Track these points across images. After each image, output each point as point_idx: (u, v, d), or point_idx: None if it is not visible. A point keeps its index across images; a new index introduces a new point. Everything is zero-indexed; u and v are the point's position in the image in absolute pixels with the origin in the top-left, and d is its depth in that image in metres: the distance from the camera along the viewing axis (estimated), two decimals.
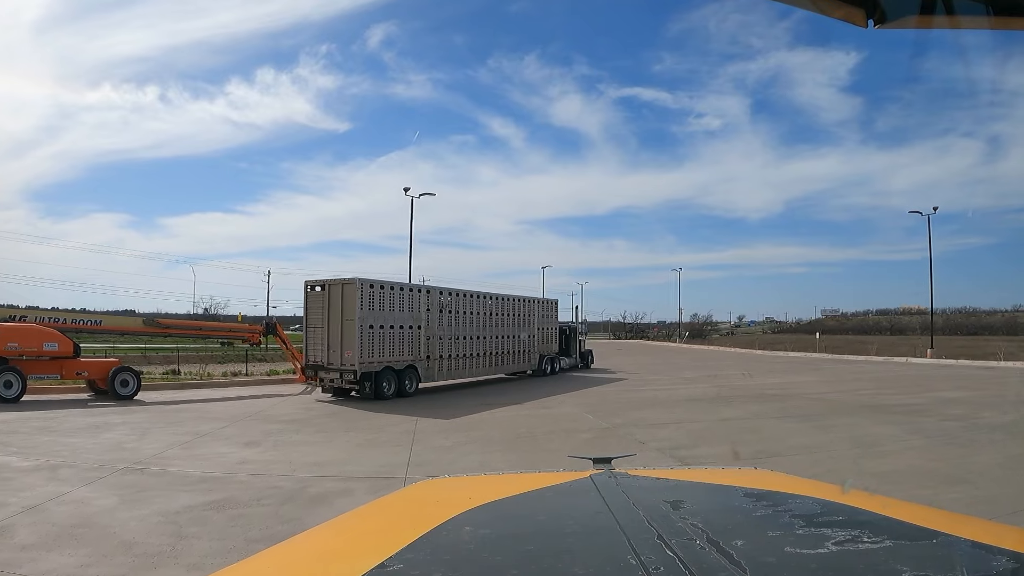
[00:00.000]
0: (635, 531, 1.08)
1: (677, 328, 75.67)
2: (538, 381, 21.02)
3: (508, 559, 1.05)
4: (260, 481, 6.92)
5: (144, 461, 7.94)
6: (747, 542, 1.02)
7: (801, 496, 1.43)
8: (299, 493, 6.44)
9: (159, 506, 5.93)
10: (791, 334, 75.36)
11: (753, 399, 15.22)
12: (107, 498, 6.26)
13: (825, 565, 0.95)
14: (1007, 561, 0.97)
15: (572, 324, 27.46)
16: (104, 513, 5.75)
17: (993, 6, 0.95)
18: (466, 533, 1.19)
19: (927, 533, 1.11)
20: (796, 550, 1.00)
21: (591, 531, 1.17)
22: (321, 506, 5.90)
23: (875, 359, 33.18)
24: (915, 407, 13.11)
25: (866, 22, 0.97)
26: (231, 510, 5.80)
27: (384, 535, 1.32)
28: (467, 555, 1.09)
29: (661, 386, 19.10)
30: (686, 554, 0.95)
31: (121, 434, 10.02)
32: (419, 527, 1.19)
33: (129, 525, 5.37)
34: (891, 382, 19.68)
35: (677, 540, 1.01)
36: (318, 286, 16.17)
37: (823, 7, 1.00)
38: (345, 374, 15.14)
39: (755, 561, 0.92)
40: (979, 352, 32.25)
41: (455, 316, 18.43)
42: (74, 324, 16.18)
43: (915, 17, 0.98)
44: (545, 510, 1.42)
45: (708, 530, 1.07)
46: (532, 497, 1.51)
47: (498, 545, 1.15)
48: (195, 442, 9.39)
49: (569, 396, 16.21)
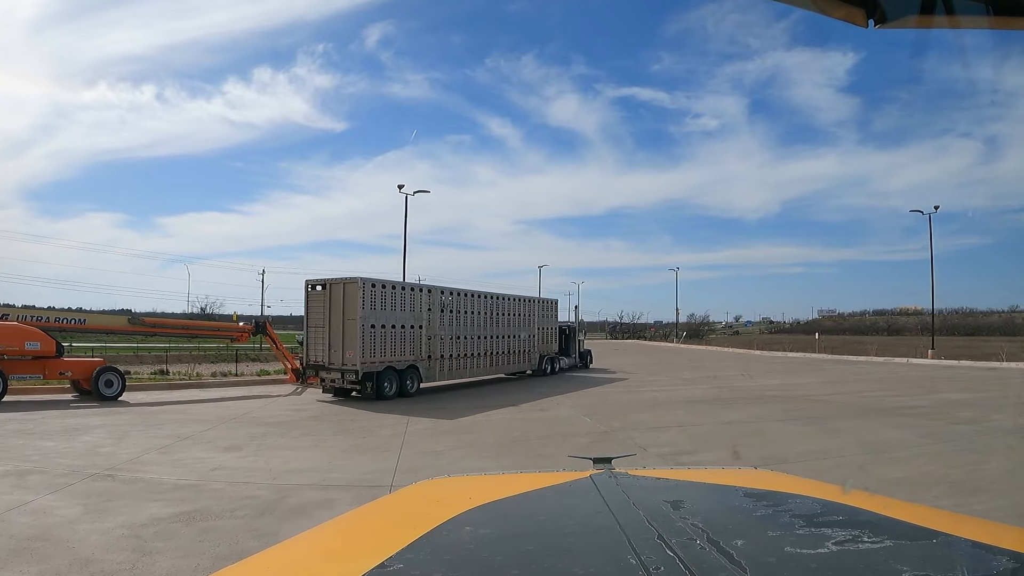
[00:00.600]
0: (635, 531, 1.07)
1: (674, 328, 75.03)
2: (537, 381, 20.69)
3: (508, 559, 1.04)
4: (236, 490, 6.49)
5: (117, 467, 7.53)
6: (747, 542, 1.01)
7: (801, 496, 1.42)
8: (277, 504, 6.02)
9: (125, 517, 5.52)
10: (788, 334, 75.19)
11: (755, 401, 14.82)
12: (72, 507, 5.85)
13: (825, 565, 0.94)
14: (1007, 561, 0.96)
15: (571, 324, 27.22)
16: (65, 525, 5.34)
17: (993, 6, 0.94)
18: (466, 533, 1.19)
19: (927, 533, 1.11)
20: (796, 550, 1.00)
21: (591, 531, 1.17)
22: (300, 518, 5.48)
23: (875, 359, 32.75)
24: (922, 410, 12.75)
25: (866, 22, 0.97)
26: (201, 522, 5.39)
27: (384, 535, 1.32)
28: (467, 555, 1.09)
29: (660, 387, 18.73)
30: (686, 554, 0.94)
31: (98, 437, 9.60)
32: (419, 527, 1.19)
33: (90, 539, 4.96)
34: (894, 383, 19.30)
35: (677, 540, 1.01)
36: (319, 285, 15.92)
37: (823, 7, 0.99)
38: (347, 374, 14.90)
39: (755, 561, 0.91)
40: (978, 352, 31.98)
41: (456, 316, 18.18)
42: (57, 323, 15.69)
43: (915, 17, 0.97)
44: (545, 510, 1.42)
45: (708, 530, 1.06)
46: (532, 497, 1.50)
47: (498, 545, 1.15)
48: (174, 446, 8.97)
49: (567, 397, 15.84)
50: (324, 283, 15.78)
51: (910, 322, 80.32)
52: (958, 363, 28.94)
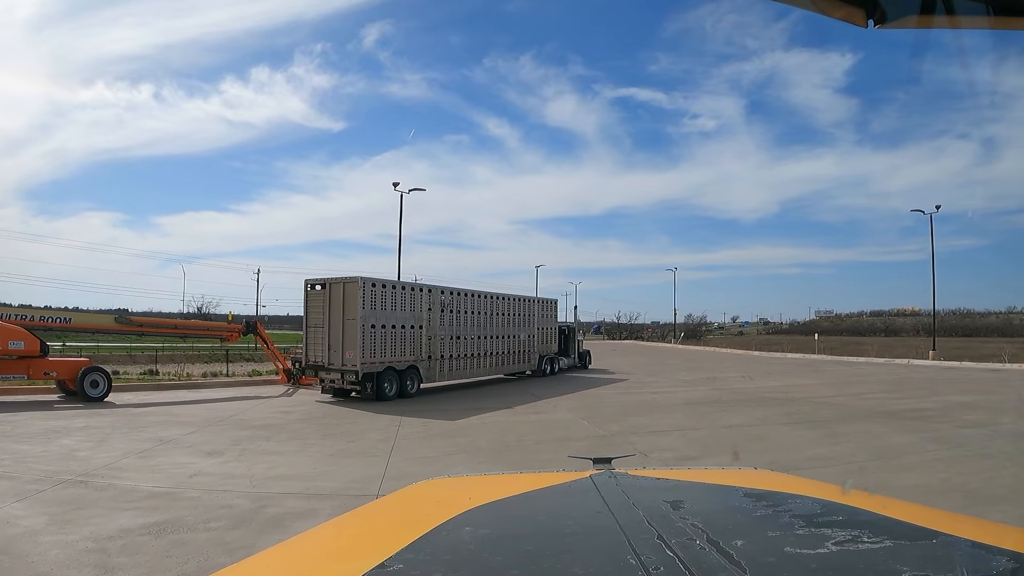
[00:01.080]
0: (635, 531, 1.07)
1: (672, 328, 74.37)
2: (536, 382, 20.39)
3: (508, 559, 1.04)
4: (213, 498, 6.13)
5: (92, 473, 7.16)
6: (747, 542, 1.00)
7: (801, 496, 1.42)
8: (255, 514, 5.66)
9: (92, 529, 5.16)
10: (786, 335, 74.99)
11: (756, 403, 14.44)
12: (38, 517, 5.50)
13: (825, 565, 0.93)
14: (1007, 561, 0.96)
15: (571, 324, 26.99)
16: (27, 537, 4.98)
17: (993, 6, 0.94)
18: (466, 533, 1.19)
19: (927, 533, 1.11)
20: (796, 550, 0.99)
21: (591, 531, 1.17)
22: (277, 531, 5.11)
23: (876, 361, 32.28)
24: (928, 412, 12.43)
25: (866, 22, 0.97)
26: (172, 535, 5.03)
27: (384, 535, 1.32)
28: (467, 555, 1.09)
29: (659, 388, 18.38)
30: (686, 554, 0.94)
31: (77, 440, 9.23)
32: (419, 527, 1.19)
33: (50, 554, 4.61)
34: (896, 385, 18.97)
35: (677, 540, 1.00)
36: (318, 285, 15.62)
37: (823, 7, 0.99)
38: (346, 374, 14.62)
39: (755, 561, 0.91)
40: (978, 353, 31.81)
41: (456, 316, 17.90)
42: (42, 322, 15.29)
43: (915, 17, 0.97)
44: (545, 510, 1.41)
45: (708, 530, 1.05)
46: (532, 497, 1.49)
47: (498, 545, 1.15)
48: (154, 450, 8.60)
49: (565, 399, 15.49)
50: (324, 283, 15.48)
51: (907, 323, 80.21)
52: (959, 364, 28.53)
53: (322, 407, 13.87)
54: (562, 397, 15.88)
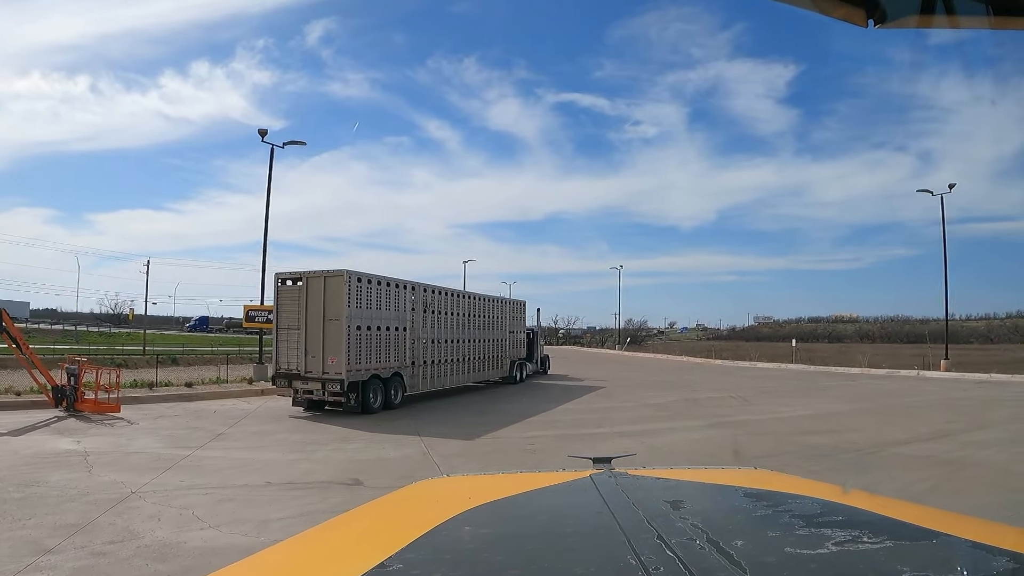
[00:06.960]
0: (635, 531, 1.05)
1: (615, 334, 70.51)
2: (509, 392, 18.92)
3: (508, 559, 1.02)
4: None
5: None
6: (747, 542, 0.99)
7: (801, 496, 1.41)
8: None
9: None
10: (727, 340, 77.18)
11: (800, 457, 8.67)
12: None
13: (825, 565, 0.92)
14: (1007, 561, 0.95)
15: (534, 328, 25.84)
16: None
17: (993, 6, 0.93)
18: (466, 533, 1.17)
19: (927, 533, 1.10)
20: (796, 550, 0.98)
21: (591, 531, 1.14)
22: None
23: (873, 372, 27.43)
24: None
25: (866, 22, 0.96)
26: None
27: (384, 535, 1.30)
28: (467, 555, 1.07)
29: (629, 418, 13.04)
30: (686, 554, 0.92)
31: None
32: (419, 527, 1.17)
33: None
34: (973, 415, 13.43)
35: (677, 540, 0.99)
36: (292, 279, 13.30)
37: (823, 7, 0.97)
38: (328, 384, 12.46)
39: (755, 561, 0.90)
40: (990, 360, 29.42)
41: (437, 317, 16.24)
42: None
43: (915, 17, 0.96)
44: (545, 510, 1.39)
45: (708, 530, 1.04)
46: (532, 497, 1.48)
47: (498, 545, 1.12)
48: None
49: (540, 418, 12.94)
50: (300, 277, 13.24)
51: (848, 329, 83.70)
52: (989, 377, 23.28)
53: (298, 422, 11.92)
54: (536, 417, 14.19)
